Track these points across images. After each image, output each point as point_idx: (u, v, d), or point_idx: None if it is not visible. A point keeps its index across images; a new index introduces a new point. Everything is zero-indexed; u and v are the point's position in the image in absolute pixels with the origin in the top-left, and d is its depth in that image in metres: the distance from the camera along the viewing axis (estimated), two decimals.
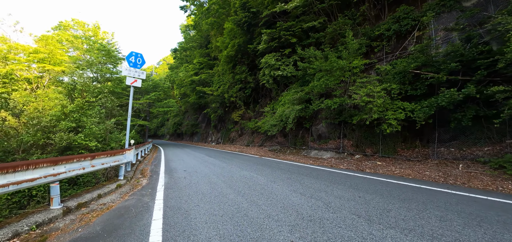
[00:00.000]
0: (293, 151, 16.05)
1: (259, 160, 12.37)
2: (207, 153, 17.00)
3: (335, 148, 13.61)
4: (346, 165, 11.02)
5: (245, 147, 21.65)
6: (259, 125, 19.03)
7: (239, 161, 11.53)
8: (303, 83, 16.58)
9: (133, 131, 12.54)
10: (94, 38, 21.44)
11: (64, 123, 5.46)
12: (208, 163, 10.72)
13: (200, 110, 40.96)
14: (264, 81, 17.62)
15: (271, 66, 16.82)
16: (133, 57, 7.04)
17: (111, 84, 21.49)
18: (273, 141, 18.84)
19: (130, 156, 6.35)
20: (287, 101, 16.37)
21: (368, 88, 10.45)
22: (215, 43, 27.10)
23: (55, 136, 5.12)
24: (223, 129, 29.08)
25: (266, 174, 7.81)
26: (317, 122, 15.01)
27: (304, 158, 13.42)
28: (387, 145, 11.84)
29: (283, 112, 14.66)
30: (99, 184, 5.44)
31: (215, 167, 9.43)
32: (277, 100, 19.34)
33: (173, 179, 6.71)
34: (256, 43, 18.57)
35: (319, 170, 9.15)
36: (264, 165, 10.08)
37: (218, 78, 26.52)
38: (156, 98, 24.32)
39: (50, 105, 6.95)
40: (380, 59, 13.95)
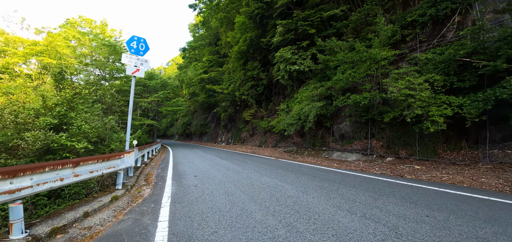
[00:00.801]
0: (311, 152, 14.67)
1: (276, 162, 11.09)
2: (217, 154, 15.87)
3: (362, 149, 12.14)
4: (379, 169, 9.60)
5: (257, 147, 20.41)
6: (273, 124, 17.74)
7: (255, 164, 10.29)
8: (322, 78, 15.17)
9: (139, 131, 11.57)
10: (102, 35, 20.76)
11: (43, 119, 4.40)
12: (220, 166, 9.54)
13: (210, 110, 40.07)
14: (279, 77, 16.32)
15: (286, 61, 15.50)
16: (134, 42, 5.92)
17: (120, 83, 20.80)
18: (288, 141, 17.50)
19: (130, 160, 5.23)
20: (305, 98, 15.01)
21: (406, 80, 8.96)
22: (225, 39, 26.00)
23: (28, 135, 4.03)
24: (234, 128, 27.95)
25: (291, 181, 6.52)
26: (339, 120, 13.57)
27: (326, 161, 12.03)
28: (425, 146, 10.29)
29: (302, 110, 13.31)
30: (90, 196, 4.32)
31: (229, 171, 8.22)
32: (292, 97, 18.00)
33: (182, 188, 5.53)
34: (269, 37, 17.29)
35: (350, 175, 7.79)
36: (285, 169, 8.79)
37: (228, 76, 25.41)
38: (164, 97, 23.48)
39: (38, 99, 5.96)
40: (412, 49, 12.37)
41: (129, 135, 5.58)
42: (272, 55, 18.53)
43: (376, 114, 11.30)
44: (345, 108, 13.37)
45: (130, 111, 5.63)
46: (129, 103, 5.72)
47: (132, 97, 5.75)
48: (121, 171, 4.92)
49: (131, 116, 5.61)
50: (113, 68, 16.52)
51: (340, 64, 12.04)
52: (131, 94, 5.73)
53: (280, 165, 10.23)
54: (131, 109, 5.65)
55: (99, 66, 17.73)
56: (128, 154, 5.12)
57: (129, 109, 5.62)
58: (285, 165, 10.25)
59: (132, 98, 5.75)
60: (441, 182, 7.41)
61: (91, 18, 21.35)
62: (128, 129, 5.62)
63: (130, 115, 5.64)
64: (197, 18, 46.35)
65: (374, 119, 11.90)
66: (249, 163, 10.59)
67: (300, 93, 16.52)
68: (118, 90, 19.83)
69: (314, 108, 12.19)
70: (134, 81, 5.91)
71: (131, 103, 5.71)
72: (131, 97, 5.73)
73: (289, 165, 10.33)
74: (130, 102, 5.67)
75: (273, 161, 11.75)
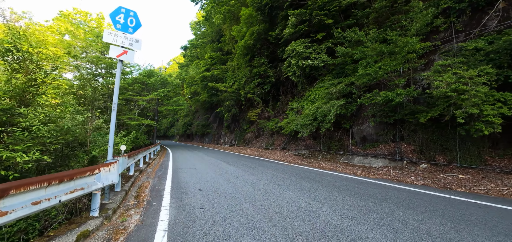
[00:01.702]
0: (327, 156, 13.16)
1: (291, 169, 9.58)
2: (222, 157, 14.39)
3: (388, 154, 10.63)
4: (415, 178, 8.17)
5: (264, 150, 18.92)
6: (282, 125, 16.24)
7: (268, 171, 8.79)
8: (339, 74, 13.68)
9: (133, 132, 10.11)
10: (98, 30, 19.32)
11: None
12: (228, 174, 8.04)
13: (212, 110, 38.61)
14: (290, 73, 14.84)
15: (299, 55, 14.01)
16: (121, 15, 4.45)
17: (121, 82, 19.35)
18: (298, 143, 16.01)
19: (111, 175, 3.75)
20: (319, 96, 13.53)
21: (452, 73, 7.46)
22: (229, 35, 24.52)
23: None
24: (237, 129, 26.46)
25: (324, 197, 5.03)
26: (361, 121, 12.06)
27: (347, 167, 10.53)
28: (468, 152, 8.78)
29: (318, 109, 11.82)
30: (50, 231, 2.84)
31: (241, 181, 6.73)
32: (303, 96, 16.52)
33: (184, 212, 4.05)
34: (279, 29, 15.82)
35: (389, 188, 6.33)
36: (306, 178, 7.30)
37: (232, 74, 23.94)
38: (164, 95, 22.02)
39: None
40: (445, 41, 10.88)
41: (113, 139, 4.10)
42: (281, 50, 17.06)
43: (407, 114, 9.80)
44: (367, 107, 11.87)
45: (114, 107, 4.16)
46: (115, 98, 4.25)
47: (117, 88, 4.28)
48: (98, 191, 3.44)
49: (115, 114, 4.14)
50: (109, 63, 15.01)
51: (365, 58, 10.54)
52: (115, 84, 4.26)
53: (297, 172, 8.73)
54: (115, 104, 4.18)
55: (94, 61, 16.26)
56: (108, 167, 3.64)
57: (113, 105, 4.15)
58: (303, 172, 8.74)
59: (117, 90, 4.27)
60: (502, 197, 6.00)
61: (86, 11, 19.89)
62: (111, 131, 4.14)
63: (114, 113, 4.17)
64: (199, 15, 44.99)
65: (404, 120, 10.40)
66: (261, 170, 9.09)
67: (312, 92, 15.03)
68: (122, 90, 18.45)
69: (334, 107, 10.70)
70: (121, 67, 4.43)
71: (116, 97, 4.24)
72: (116, 88, 4.26)
73: (308, 172, 8.83)
74: (114, 96, 4.20)
75: (286, 167, 10.25)
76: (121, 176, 6.27)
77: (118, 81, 4.32)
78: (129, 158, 6.11)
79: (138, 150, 8.46)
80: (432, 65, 10.97)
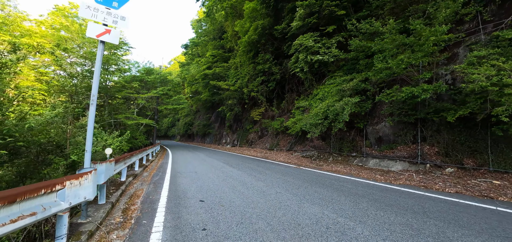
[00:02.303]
0: (338, 158, 12.21)
1: (302, 173, 8.65)
2: (225, 159, 13.48)
3: (408, 157, 9.68)
4: (444, 184, 7.28)
5: (268, 151, 18.00)
6: (288, 124, 15.31)
7: (277, 175, 7.86)
8: (350, 70, 12.75)
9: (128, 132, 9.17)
10: None
11: None
12: (234, 179, 7.12)
13: (213, 109, 37.74)
14: (297, 69, 13.91)
15: (307, 50, 13.08)
16: None
17: (121, 80, 18.44)
18: (306, 144, 15.07)
19: (83, 189, 2.84)
20: (329, 94, 12.60)
21: (487, 66, 6.51)
22: (232, 31, 23.61)
23: None
24: (240, 129, 25.54)
25: (352, 212, 4.10)
26: (376, 120, 11.11)
27: (363, 170, 9.59)
28: (502, 154, 7.81)
29: (329, 108, 10.89)
30: None
31: (249, 189, 5.81)
32: (311, 94, 15.58)
33: (181, 236, 3.14)
34: (285, 23, 14.90)
35: (419, 197, 5.44)
36: (322, 185, 6.36)
37: (234, 72, 23.02)
38: (164, 94, 21.13)
39: None
40: (470, 32, 9.92)
41: (91, 141, 3.19)
42: (287, 46, 16.13)
43: (430, 112, 8.84)
44: (383, 106, 10.92)
45: (92, 100, 3.26)
46: (94, 89, 3.30)
47: (96, 76, 3.36)
48: (65, 212, 2.54)
49: (94, 110, 3.24)
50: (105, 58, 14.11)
51: (382, 51, 9.60)
52: (95, 71, 3.35)
53: (310, 177, 7.80)
54: (94, 97, 3.27)
55: (89, 57, 15.36)
56: (78, 180, 2.72)
57: (91, 97, 3.25)
58: (316, 177, 7.81)
59: (97, 79, 3.36)
60: None
61: None
62: (89, 131, 3.23)
63: (92, 108, 3.26)
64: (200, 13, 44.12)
65: (425, 119, 9.45)
66: (269, 175, 8.17)
67: (321, 89, 14.10)
68: (119, 87, 17.55)
69: (348, 105, 9.77)
70: (102, 49, 3.52)
71: (95, 87, 3.33)
72: (95, 76, 3.35)
73: (322, 177, 7.89)
74: (93, 85, 3.29)
75: (296, 171, 9.32)
76: (108, 184, 5.37)
77: (99, 68, 3.40)
78: (118, 163, 5.19)
79: (132, 152, 7.54)
80: (456, 58, 10.02)
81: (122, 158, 5.51)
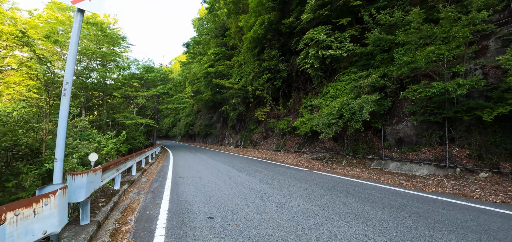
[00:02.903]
0: (352, 161, 11.29)
1: (319, 178, 7.72)
2: (230, 161, 12.58)
3: (434, 160, 8.74)
4: (482, 191, 6.44)
5: (274, 152, 17.09)
6: (296, 124, 14.41)
7: (293, 182, 6.94)
8: (365, 66, 11.84)
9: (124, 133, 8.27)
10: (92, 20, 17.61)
11: None
12: (244, 187, 6.21)
13: (215, 109, 36.88)
14: (307, 66, 12.99)
15: (318, 44, 12.18)
16: None
17: (121, 77, 17.54)
18: (315, 145, 14.15)
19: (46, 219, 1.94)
20: (342, 91, 11.71)
21: None
22: (235, 28, 22.73)
23: None
24: (243, 129, 24.63)
25: (401, 234, 3.21)
26: (396, 119, 10.18)
27: (384, 174, 8.67)
28: None
29: (344, 106, 9.99)
30: None
31: (265, 200, 4.90)
32: (321, 92, 14.67)
33: None
34: (294, 16, 13.99)
35: (466, 209, 4.57)
36: (350, 195, 5.44)
37: (238, 70, 22.12)
38: (164, 93, 20.23)
39: None
40: (502, 23, 9.00)
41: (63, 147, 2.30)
42: (295, 41, 15.23)
43: (461, 110, 7.91)
44: (404, 103, 10.01)
45: (65, 90, 2.36)
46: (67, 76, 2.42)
47: (72, 57, 2.47)
48: None
49: (67, 102, 2.36)
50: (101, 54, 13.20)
51: (404, 44, 8.69)
52: (69, 49, 2.46)
53: (328, 183, 6.87)
54: (68, 85, 2.38)
55: (87, 54, 14.49)
56: (33, 207, 1.81)
57: (64, 86, 2.34)
58: (336, 183, 6.89)
59: (72, 60, 2.47)
60: None
61: None
62: (61, 132, 2.34)
63: (65, 100, 2.37)
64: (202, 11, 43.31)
65: (454, 118, 8.51)
66: (283, 181, 7.26)
67: (332, 87, 13.19)
68: (118, 85, 16.68)
69: (368, 102, 8.85)
70: (80, 21, 2.63)
71: (69, 72, 2.43)
72: (70, 56, 2.45)
73: (342, 183, 6.97)
74: (66, 70, 2.40)
75: (311, 175, 8.41)
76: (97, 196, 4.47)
77: (75, 46, 2.51)
78: (108, 171, 4.28)
79: (128, 156, 6.62)
80: (486, 52, 9.09)
81: (113, 164, 4.61)
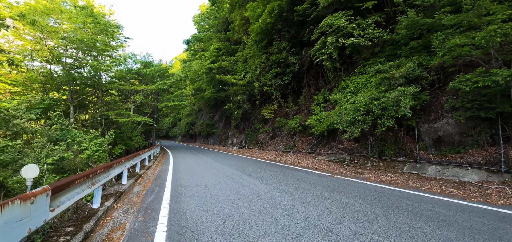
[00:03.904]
0: (378, 164, 9.84)
1: (351, 187, 6.26)
2: (238, 165, 11.14)
3: (485, 163, 7.29)
4: None
5: (284, 153, 15.66)
6: (310, 123, 12.99)
7: (326, 194, 5.48)
8: (390, 57, 10.42)
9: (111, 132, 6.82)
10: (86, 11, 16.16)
11: None
12: (267, 202, 4.76)
13: (217, 108, 35.47)
14: (324, 57, 11.55)
15: (338, 32, 10.76)
16: None
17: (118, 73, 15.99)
18: (331, 146, 12.70)
19: None
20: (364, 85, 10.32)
21: None
22: (239, 21, 21.30)
23: None
24: (248, 129, 23.19)
25: None
26: (433, 116, 8.74)
27: (425, 181, 7.24)
28: None
29: (373, 101, 8.57)
30: None
31: (305, 228, 3.44)
32: (337, 86, 13.25)
33: None
34: (308, 2, 12.56)
35: None
36: (410, 215, 3.97)
37: (243, 65, 20.69)
38: (164, 89, 18.80)
39: None
40: None
41: None
42: (308, 31, 13.79)
43: None
44: (443, 97, 8.57)
45: None
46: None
47: None
48: None
49: None
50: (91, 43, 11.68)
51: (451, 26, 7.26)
52: None
53: (368, 194, 5.41)
54: None
55: (80, 46, 12.98)
56: None
57: None
58: (377, 194, 5.43)
59: None
60: None
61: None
62: None
63: None
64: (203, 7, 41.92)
65: (508, 114, 7.08)
66: (311, 191, 5.82)
67: (353, 80, 11.77)
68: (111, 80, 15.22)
69: (406, 95, 7.42)
70: None
71: None
72: None
73: (384, 194, 5.52)
74: None
75: (338, 182, 6.96)
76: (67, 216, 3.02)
77: None
78: (63, 193, 2.73)
79: (110, 163, 5.07)
80: None
81: (81, 178, 3.07)
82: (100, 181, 3.92)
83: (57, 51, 11.09)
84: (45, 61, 10.68)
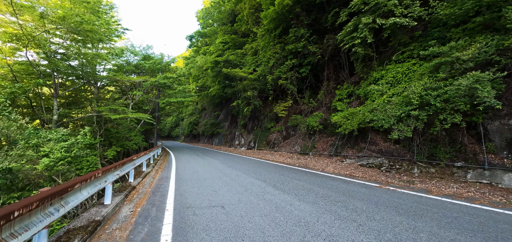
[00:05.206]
0: (429, 170, 7.96)
1: (424, 207, 4.38)
2: (255, 171, 9.33)
3: None
4: None
5: (301, 156, 13.84)
6: (336, 120, 11.15)
7: (396, 218, 3.62)
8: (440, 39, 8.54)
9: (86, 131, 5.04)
10: None
11: None
12: (322, 237, 2.94)
13: (222, 106, 33.74)
14: (356, 42, 9.70)
15: (375, 10, 8.92)
16: None
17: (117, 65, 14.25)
18: (361, 147, 10.84)
19: None
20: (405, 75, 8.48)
21: None
22: (248, 9, 19.46)
23: None
24: (258, 128, 21.37)
25: None
26: (507, 110, 6.85)
27: (504, 192, 5.38)
28: None
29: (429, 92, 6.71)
30: None
31: None
32: (366, 78, 11.42)
33: None
34: None
35: None
36: None
37: (252, 58, 18.90)
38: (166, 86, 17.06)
39: None
40: None
41: None
42: (332, 14, 11.95)
43: None
44: None
45: None
46: None
47: None
48: None
49: None
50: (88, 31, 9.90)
51: None
52: None
53: (457, 220, 3.54)
54: None
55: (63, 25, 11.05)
56: None
57: None
58: (468, 218, 3.56)
59: None
60: None
61: None
62: None
63: None
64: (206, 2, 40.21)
65: None
66: (378, 217, 3.98)
67: (389, 70, 9.92)
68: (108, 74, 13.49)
69: (484, 83, 5.57)
70: None
71: None
72: None
73: (466, 214, 3.64)
74: None
75: (397, 197, 5.10)
76: None
77: None
78: None
79: (74, 180, 3.22)
80: None
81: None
82: (34, 226, 2.06)
83: (41, 35, 9.34)
84: (15, 42, 8.85)
